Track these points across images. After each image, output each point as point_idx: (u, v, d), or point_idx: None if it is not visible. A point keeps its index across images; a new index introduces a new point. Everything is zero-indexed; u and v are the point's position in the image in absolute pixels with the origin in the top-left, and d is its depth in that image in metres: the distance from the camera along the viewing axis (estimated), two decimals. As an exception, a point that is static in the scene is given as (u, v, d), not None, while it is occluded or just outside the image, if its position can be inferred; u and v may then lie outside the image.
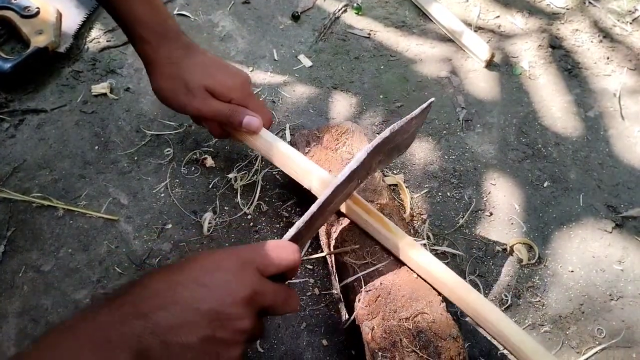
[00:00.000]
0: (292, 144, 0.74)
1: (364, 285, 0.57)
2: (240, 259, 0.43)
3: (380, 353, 0.51)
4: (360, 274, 0.58)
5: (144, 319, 0.37)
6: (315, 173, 0.62)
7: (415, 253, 0.57)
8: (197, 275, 0.41)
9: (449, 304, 0.58)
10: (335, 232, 0.63)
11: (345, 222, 0.63)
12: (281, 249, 0.46)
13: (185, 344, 0.38)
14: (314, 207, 0.50)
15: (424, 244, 0.71)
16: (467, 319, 0.65)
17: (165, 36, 0.63)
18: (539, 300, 0.68)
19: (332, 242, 0.63)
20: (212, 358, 0.40)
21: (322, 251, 0.70)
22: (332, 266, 0.65)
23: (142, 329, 0.37)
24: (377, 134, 0.83)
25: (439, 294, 0.57)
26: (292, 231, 0.49)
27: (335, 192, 0.52)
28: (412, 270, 0.59)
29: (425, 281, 0.58)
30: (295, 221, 0.73)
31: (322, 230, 0.66)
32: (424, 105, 0.59)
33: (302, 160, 0.64)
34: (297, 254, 0.46)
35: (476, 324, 0.65)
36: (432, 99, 0.61)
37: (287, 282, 0.51)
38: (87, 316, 0.38)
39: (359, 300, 0.56)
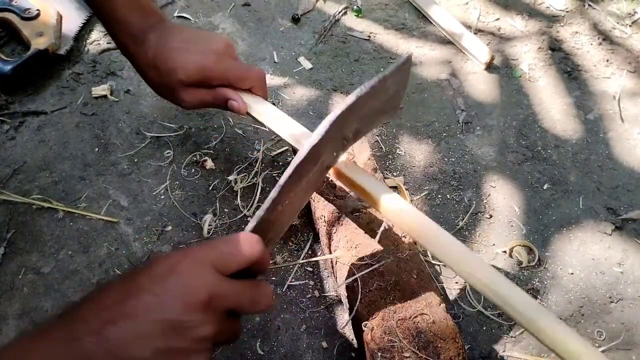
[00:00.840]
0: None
1: (364, 286, 0.57)
2: (194, 260, 0.40)
3: (379, 353, 0.51)
4: (359, 274, 0.58)
5: (94, 335, 0.35)
6: (289, 130, 0.60)
7: (392, 204, 0.53)
8: (149, 282, 0.38)
9: (449, 306, 0.58)
10: (336, 232, 0.63)
11: (345, 222, 0.63)
12: (240, 242, 0.42)
13: (139, 359, 0.36)
14: (273, 193, 0.45)
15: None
16: (467, 312, 0.66)
17: (140, 37, 0.61)
18: (539, 303, 0.68)
19: (333, 242, 0.63)
20: None
21: (322, 253, 0.70)
22: (332, 267, 0.65)
23: (92, 345, 0.35)
24: (377, 136, 0.83)
25: (442, 290, 0.57)
26: (252, 222, 0.44)
27: (298, 172, 0.46)
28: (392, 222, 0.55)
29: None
30: (295, 223, 0.73)
31: (322, 231, 0.66)
32: (400, 61, 0.52)
33: (280, 117, 0.62)
34: (258, 245, 0.42)
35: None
36: (411, 52, 0.55)
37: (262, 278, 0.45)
38: (37, 336, 0.36)
39: (359, 300, 0.56)
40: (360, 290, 0.57)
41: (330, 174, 0.58)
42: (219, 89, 0.63)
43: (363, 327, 0.54)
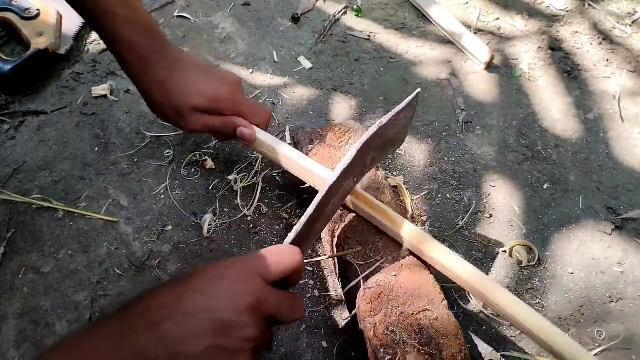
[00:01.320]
0: (295, 142, 0.75)
1: (367, 283, 0.57)
2: (243, 267, 0.43)
3: (382, 350, 0.52)
4: (362, 276, 0.58)
5: (151, 329, 0.38)
6: (315, 172, 0.63)
7: (423, 243, 0.59)
8: (201, 285, 0.41)
9: (450, 303, 0.58)
10: (338, 230, 0.63)
11: (348, 220, 0.63)
12: (282, 253, 0.46)
13: (191, 354, 0.38)
14: (310, 209, 0.50)
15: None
16: (474, 309, 0.66)
17: (148, 59, 0.62)
18: (539, 302, 0.68)
19: (335, 241, 0.63)
20: None
21: (324, 253, 0.70)
22: (334, 265, 0.65)
23: (149, 339, 0.37)
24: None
25: (443, 288, 0.58)
26: (292, 235, 0.49)
27: (330, 192, 0.52)
28: (417, 258, 0.60)
29: (429, 268, 0.59)
30: (295, 223, 0.74)
31: (325, 229, 0.66)
32: (410, 97, 0.59)
33: (303, 161, 0.65)
34: (299, 255, 0.47)
35: (488, 311, 0.65)
36: (418, 90, 0.60)
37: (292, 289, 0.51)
38: (96, 328, 0.39)
39: (362, 297, 0.56)
40: (362, 287, 0.57)
41: (348, 199, 0.62)
42: (229, 117, 0.66)
43: (366, 324, 0.54)
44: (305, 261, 0.69)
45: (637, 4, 1.06)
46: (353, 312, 0.57)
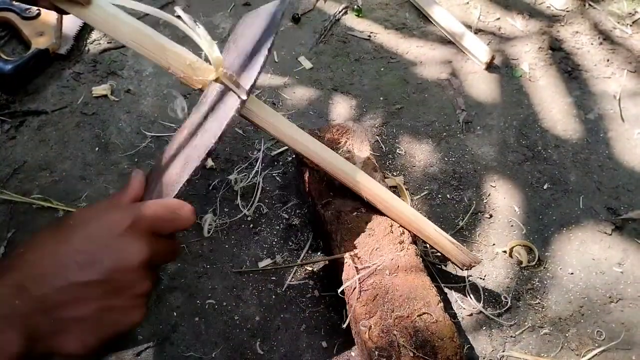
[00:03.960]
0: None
1: (363, 285, 0.57)
2: (130, 221, 0.40)
3: (377, 352, 0.52)
4: (358, 274, 0.58)
5: (31, 300, 0.36)
6: (172, 50, 0.56)
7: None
8: (84, 245, 0.39)
9: (450, 304, 0.58)
10: (336, 232, 0.63)
11: (345, 221, 0.63)
12: (180, 211, 0.44)
13: (78, 318, 0.37)
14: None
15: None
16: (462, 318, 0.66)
17: None
18: (539, 303, 0.68)
19: (333, 243, 0.63)
20: (112, 327, 0.39)
21: (322, 252, 0.70)
22: (332, 267, 0.65)
23: (29, 309, 0.36)
24: (377, 135, 0.83)
25: (442, 290, 0.57)
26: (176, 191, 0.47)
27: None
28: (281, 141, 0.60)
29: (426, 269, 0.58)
30: (295, 222, 0.73)
31: (323, 231, 0.66)
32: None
33: (155, 36, 0.56)
34: (194, 215, 0.45)
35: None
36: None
37: None
38: None
39: (357, 299, 0.56)
40: (359, 289, 0.57)
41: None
42: None
43: (361, 326, 0.54)
44: (303, 262, 0.69)
45: (638, 4, 1.06)
46: (350, 315, 0.57)
